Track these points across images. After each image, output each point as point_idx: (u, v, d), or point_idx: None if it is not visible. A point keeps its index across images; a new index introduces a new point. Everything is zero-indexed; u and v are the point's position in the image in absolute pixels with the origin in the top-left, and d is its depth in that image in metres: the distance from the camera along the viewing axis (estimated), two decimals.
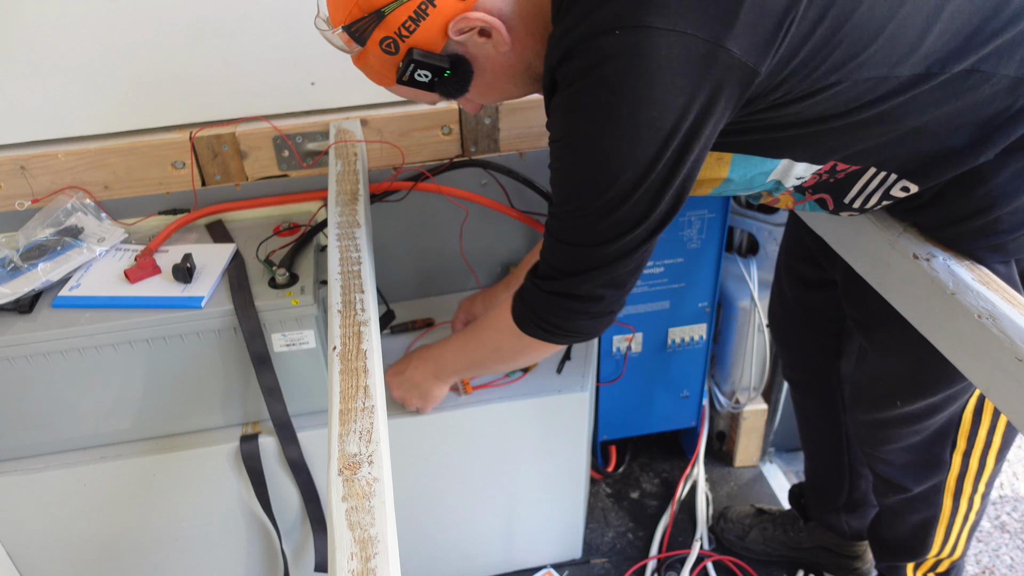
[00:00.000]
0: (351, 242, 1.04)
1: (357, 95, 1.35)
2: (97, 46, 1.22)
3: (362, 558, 0.63)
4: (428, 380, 1.25)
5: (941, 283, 0.90)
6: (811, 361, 1.44)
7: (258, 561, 1.47)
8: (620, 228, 0.86)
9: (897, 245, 0.97)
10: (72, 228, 1.29)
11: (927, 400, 1.12)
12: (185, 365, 1.22)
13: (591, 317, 0.96)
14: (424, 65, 0.87)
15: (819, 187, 0.97)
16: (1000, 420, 1.15)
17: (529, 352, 1.08)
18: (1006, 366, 0.82)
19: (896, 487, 1.28)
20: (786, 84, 0.80)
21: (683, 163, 0.81)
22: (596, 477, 1.88)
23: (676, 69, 0.75)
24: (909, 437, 1.20)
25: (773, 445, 1.92)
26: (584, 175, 0.84)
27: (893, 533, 1.37)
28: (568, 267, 0.92)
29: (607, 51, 0.76)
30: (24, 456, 1.28)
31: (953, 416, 1.16)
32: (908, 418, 1.16)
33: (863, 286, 1.08)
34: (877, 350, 1.16)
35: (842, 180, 0.94)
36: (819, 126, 0.86)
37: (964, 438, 1.18)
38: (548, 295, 0.95)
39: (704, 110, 0.78)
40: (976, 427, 1.16)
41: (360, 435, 0.75)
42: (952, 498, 1.25)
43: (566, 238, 0.90)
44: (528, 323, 1.00)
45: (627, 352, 1.64)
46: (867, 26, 0.79)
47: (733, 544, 1.69)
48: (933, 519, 1.29)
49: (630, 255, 0.89)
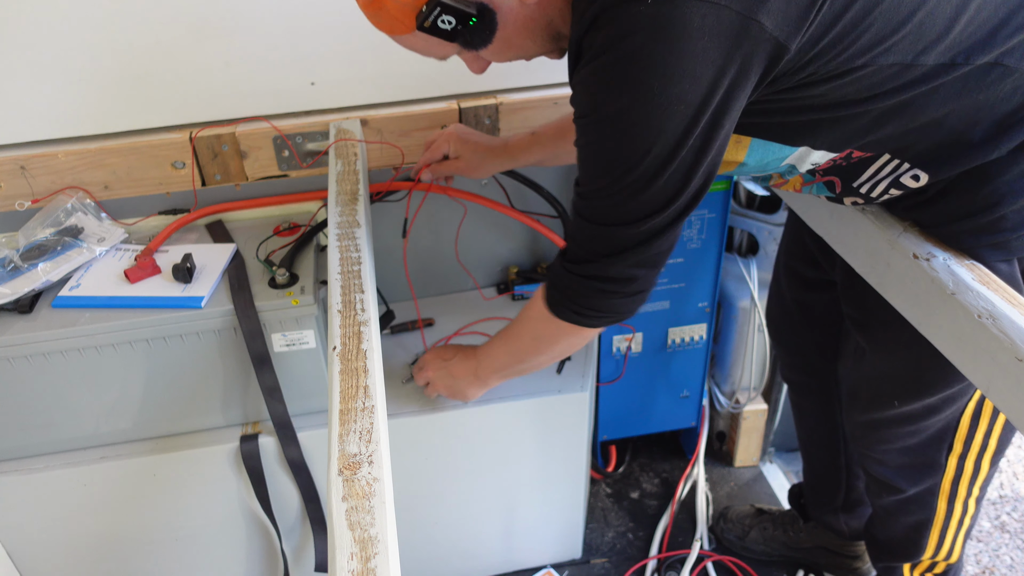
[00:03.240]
0: (351, 242, 1.04)
1: (357, 95, 1.35)
2: (97, 46, 1.22)
3: (362, 558, 0.63)
4: (467, 378, 1.24)
5: (941, 283, 0.90)
6: (809, 361, 1.44)
7: (258, 561, 1.47)
8: (651, 207, 0.84)
9: (897, 245, 0.97)
10: (72, 228, 1.29)
11: (925, 400, 1.12)
12: (185, 365, 1.22)
13: (623, 297, 0.94)
14: (451, 10, 0.83)
15: (831, 170, 0.97)
16: (997, 424, 1.15)
17: (565, 338, 1.05)
18: (1006, 366, 0.82)
19: (890, 488, 1.27)
20: (813, 64, 0.79)
21: (714, 138, 0.80)
22: (596, 477, 1.88)
23: (708, 41, 0.73)
24: (905, 439, 1.19)
25: (773, 445, 1.92)
26: (613, 153, 0.81)
27: (887, 534, 1.37)
28: (599, 249, 0.90)
29: (637, 21, 0.73)
30: (24, 456, 1.28)
31: (951, 419, 1.15)
32: (905, 419, 1.16)
33: (862, 286, 1.08)
34: (875, 350, 1.16)
35: (855, 164, 0.94)
36: (840, 111, 0.85)
37: (961, 441, 1.17)
38: (580, 278, 0.94)
39: (734, 84, 0.76)
40: (973, 431, 1.16)
41: (360, 435, 0.75)
42: (947, 501, 1.25)
43: (596, 218, 0.88)
44: (562, 308, 0.99)
45: (627, 352, 1.64)
46: (897, 11, 0.78)
47: (733, 544, 1.69)
48: (927, 521, 1.28)
49: (662, 234, 0.87)
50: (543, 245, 1.59)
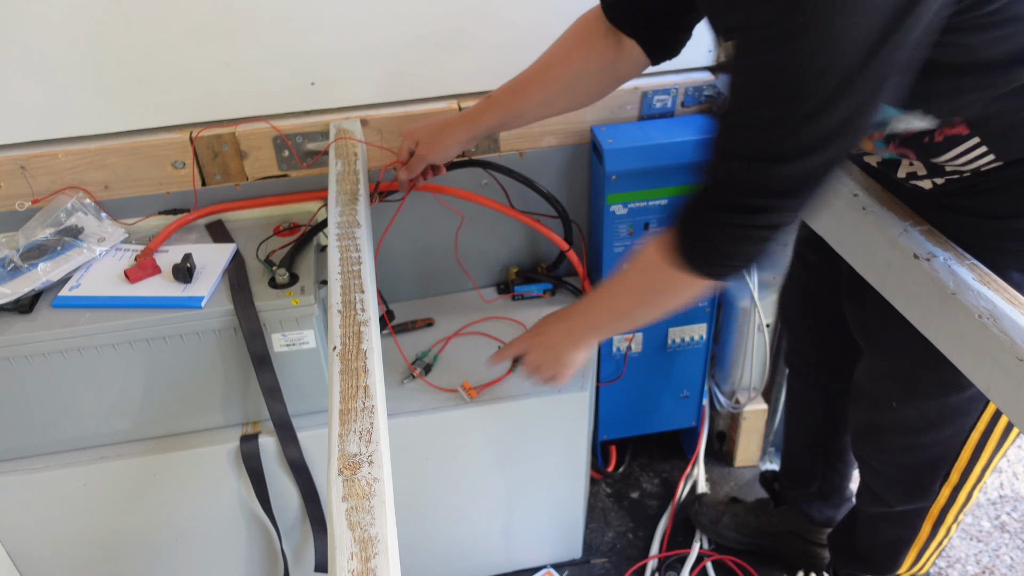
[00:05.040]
0: (351, 242, 1.04)
1: (357, 95, 1.35)
2: (97, 46, 1.22)
3: (362, 558, 0.63)
4: (564, 342, 1.10)
5: (941, 283, 0.90)
6: (812, 348, 1.44)
7: (258, 561, 1.47)
8: (831, 130, 0.72)
9: (897, 245, 0.97)
10: (72, 228, 1.29)
11: (920, 404, 1.11)
12: (185, 365, 1.22)
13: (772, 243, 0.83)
14: None
15: (910, 140, 0.91)
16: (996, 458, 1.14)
17: (680, 290, 0.92)
18: (1006, 366, 0.82)
19: (879, 500, 1.27)
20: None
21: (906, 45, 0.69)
22: (596, 477, 1.88)
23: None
24: (904, 453, 1.18)
25: (773, 445, 1.92)
26: (800, 66, 0.69)
27: (866, 544, 1.37)
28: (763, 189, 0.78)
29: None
30: (24, 456, 1.28)
31: (950, 446, 1.13)
32: (903, 429, 1.15)
33: (861, 285, 1.08)
34: (874, 350, 1.16)
35: (940, 143, 0.88)
36: (974, 77, 0.78)
37: (958, 472, 1.16)
38: (732, 228, 0.81)
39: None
40: (973, 464, 1.14)
41: (360, 435, 0.75)
42: (932, 525, 1.24)
43: (756, 152, 0.76)
44: (698, 259, 0.86)
45: (627, 352, 1.64)
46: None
47: (705, 528, 1.72)
48: (908, 539, 1.28)
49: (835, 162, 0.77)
50: (543, 245, 1.59)
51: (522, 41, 1.31)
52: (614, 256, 1.50)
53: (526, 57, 1.15)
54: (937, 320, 0.93)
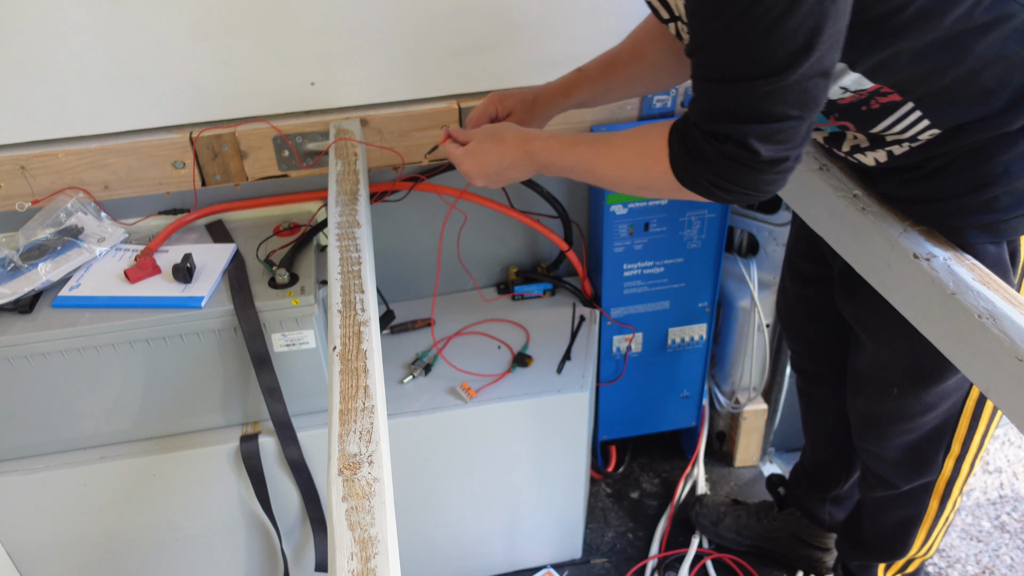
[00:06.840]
0: (351, 242, 1.04)
1: (357, 95, 1.35)
2: (97, 46, 1.22)
3: (362, 558, 0.63)
4: (514, 163, 1.01)
5: (941, 283, 0.90)
6: (819, 350, 1.44)
7: (258, 561, 1.47)
8: (799, 45, 0.72)
9: (897, 245, 0.97)
10: (72, 228, 1.29)
11: (921, 392, 1.11)
12: (185, 365, 1.22)
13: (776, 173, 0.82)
14: None
15: (849, 111, 0.92)
16: (993, 425, 1.15)
17: (671, 196, 0.91)
18: (1006, 366, 0.82)
19: (885, 483, 1.27)
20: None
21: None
22: (596, 477, 1.88)
23: None
24: (903, 435, 1.19)
25: (773, 445, 1.92)
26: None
27: (874, 530, 1.37)
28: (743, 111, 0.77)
29: None
30: (24, 456, 1.29)
31: (949, 418, 1.15)
32: (902, 414, 1.16)
33: (855, 280, 1.08)
34: (873, 340, 1.16)
35: (876, 111, 0.90)
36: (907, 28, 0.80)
37: (959, 442, 1.17)
38: (724, 158, 0.80)
39: None
40: (972, 432, 1.16)
41: (360, 435, 0.75)
42: (939, 500, 1.25)
43: (729, 72, 0.75)
44: (694, 179, 0.85)
45: (627, 352, 1.64)
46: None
47: (706, 529, 1.71)
48: (917, 518, 1.28)
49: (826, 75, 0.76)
50: (543, 245, 1.59)
51: (522, 40, 1.31)
52: (614, 256, 1.50)
53: (526, 57, 1.15)
54: (937, 320, 0.93)
